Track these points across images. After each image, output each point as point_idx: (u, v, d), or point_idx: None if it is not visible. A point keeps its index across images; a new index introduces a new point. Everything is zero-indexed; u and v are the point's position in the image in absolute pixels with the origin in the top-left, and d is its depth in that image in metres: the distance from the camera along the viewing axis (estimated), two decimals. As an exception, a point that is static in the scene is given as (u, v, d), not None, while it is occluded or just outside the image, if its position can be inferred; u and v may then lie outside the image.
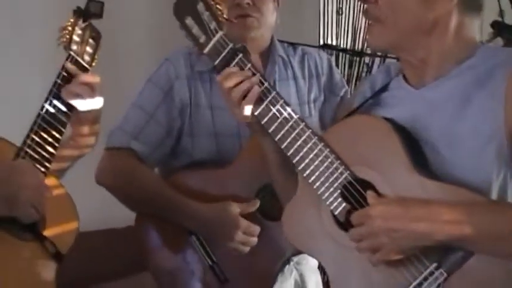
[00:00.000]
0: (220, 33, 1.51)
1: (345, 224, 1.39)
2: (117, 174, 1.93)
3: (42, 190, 1.39)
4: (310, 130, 1.44)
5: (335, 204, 1.41)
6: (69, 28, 1.50)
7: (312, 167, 1.43)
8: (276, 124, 1.47)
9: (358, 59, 3.37)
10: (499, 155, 1.31)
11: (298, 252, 2.00)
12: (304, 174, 1.44)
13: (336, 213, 1.41)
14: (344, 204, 1.40)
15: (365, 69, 3.42)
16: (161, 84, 1.98)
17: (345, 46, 3.39)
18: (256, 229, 1.90)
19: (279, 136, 1.47)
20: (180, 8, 1.52)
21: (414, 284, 1.31)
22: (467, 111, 1.34)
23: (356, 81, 3.38)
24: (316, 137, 1.43)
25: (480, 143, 1.31)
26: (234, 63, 1.49)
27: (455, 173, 1.32)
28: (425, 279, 1.30)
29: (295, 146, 1.45)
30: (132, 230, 2.00)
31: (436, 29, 1.38)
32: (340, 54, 3.35)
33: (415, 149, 1.36)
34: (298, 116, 1.46)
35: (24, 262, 1.42)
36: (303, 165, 1.44)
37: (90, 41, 1.53)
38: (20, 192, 1.34)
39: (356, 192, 1.39)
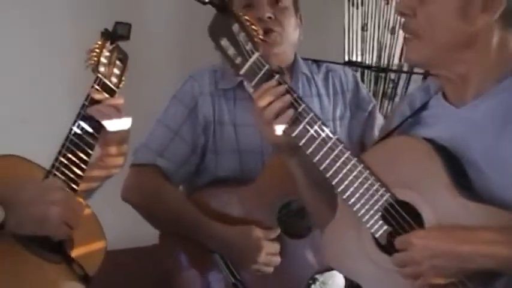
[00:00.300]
0: (256, 54, 1.50)
1: (386, 247, 1.37)
2: (142, 191, 1.94)
3: (73, 205, 1.38)
4: (349, 151, 1.42)
5: (376, 226, 1.38)
6: (97, 50, 1.50)
7: (351, 189, 1.40)
8: (314, 145, 1.44)
9: (383, 75, 3.34)
10: None
11: (323, 270, 2.00)
12: (344, 196, 1.41)
13: (377, 235, 1.39)
14: (385, 227, 1.37)
15: (391, 86, 3.40)
16: (186, 101, 1.99)
17: (370, 62, 3.37)
18: (278, 248, 1.89)
19: (317, 157, 1.44)
20: (215, 29, 1.53)
21: None
22: (510, 131, 1.32)
23: (382, 97, 3.35)
24: (355, 159, 1.41)
25: None
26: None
27: (500, 194, 1.28)
28: None
29: (335, 168, 1.42)
30: (157, 248, 2.01)
31: (476, 44, 1.35)
32: (366, 71, 3.33)
33: (458, 170, 1.33)
34: (336, 137, 1.44)
35: (52, 285, 1.42)
36: (342, 187, 1.41)
37: (117, 62, 1.54)
38: (50, 209, 1.32)
39: (397, 214, 1.36)
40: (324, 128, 1.44)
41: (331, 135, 1.43)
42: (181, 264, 1.98)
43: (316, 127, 1.44)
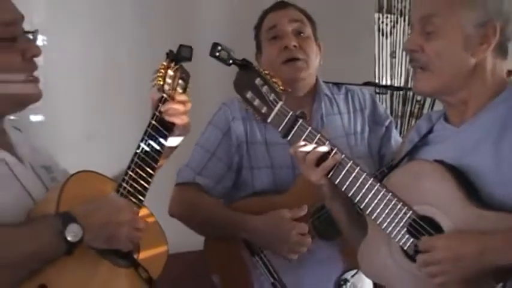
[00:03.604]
0: (280, 103, 1.54)
1: (414, 256, 1.40)
2: (184, 205, 1.99)
3: (138, 225, 1.41)
4: (372, 178, 1.46)
5: (403, 240, 1.42)
6: (162, 71, 1.48)
7: (378, 211, 1.44)
8: (355, 187, 1.47)
9: (411, 97, 3.35)
10: None
11: (351, 269, 1.98)
12: (372, 217, 1.46)
13: (405, 247, 1.42)
14: (412, 239, 1.41)
15: (417, 106, 3.40)
16: (220, 125, 2.02)
17: (399, 85, 3.38)
18: (306, 227, 1.88)
19: (352, 192, 1.48)
20: (239, 84, 1.56)
21: None
22: (506, 139, 1.36)
23: (409, 117, 3.37)
24: (378, 184, 1.45)
25: None
26: (295, 128, 1.52)
27: (503, 197, 1.32)
28: None
29: (361, 194, 1.46)
30: (200, 255, 2.03)
31: (476, 73, 1.42)
32: (395, 93, 3.33)
33: (467, 184, 1.37)
34: (366, 173, 1.47)
35: (122, 286, 1.43)
36: (370, 209, 1.45)
37: (180, 81, 1.52)
38: (119, 230, 1.36)
39: (421, 227, 1.40)
40: (356, 167, 1.48)
41: (361, 171, 1.47)
42: (224, 267, 1.99)
43: (355, 173, 1.47)
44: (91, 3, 2.46)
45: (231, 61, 1.57)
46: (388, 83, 3.39)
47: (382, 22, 3.48)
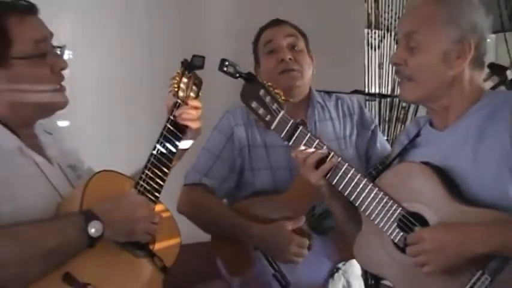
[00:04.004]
0: (282, 112, 1.55)
1: (404, 248, 1.42)
2: (192, 205, 1.97)
3: (154, 219, 1.41)
4: (366, 179, 1.47)
5: (394, 234, 1.44)
6: (177, 78, 1.48)
7: (371, 208, 1.46)
8: (350, 187, 1.49)
9: (397, 103, 3.36)
10: (511, 178, 1.33)
11: (344, 261, 2.01)
12: (366, 214, 1.47)
13: (396, 240, 1.44)
14: (402, 233, 1.42)
15: (402, 112, 3.41)
16: (224, 131, 2.01)
17: (386, 93, 3.39)
18: (306, 242, 1.87)
19: (347, 191, 1.49)
20: (245, 95, 1.57)
21: None
22: (483, 143, 1.38)
23: (396, 121, 3.38)
24: (371, 184, 1.46)
25: (495, 167, 1.35)
26: (296, 134, 1.53)
27: (481, 194, 1.35)
28: (475, 284, 1.32)
29: (356, 193, 1.47)
30: (209, 246, 2.02)
31: (454, 83, 1.44)
32: (383, 100, 3.34)
33: (450, 183, 1.39)
34: (360, 174, 1.49)
35: (139, 274, 1.43)
36: (364, 207, 1.47)
37: (194, 87, 1.52)
38: (137, 225, 1.37)
39: (409, 222, 1.42)
40: (351, 169, 1.48)
41: (356, 173, 1.48)
42: (229, 259, 1.98)
43: (350, 174, 1.48)
44: (111, 20, 2.46)
45: (237, 75, 1.57)
46: (377, 91, 3.40)
47: (371, 37, 3.50)
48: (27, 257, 1.21)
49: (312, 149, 1.50)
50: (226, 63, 1.56)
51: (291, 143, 1.53)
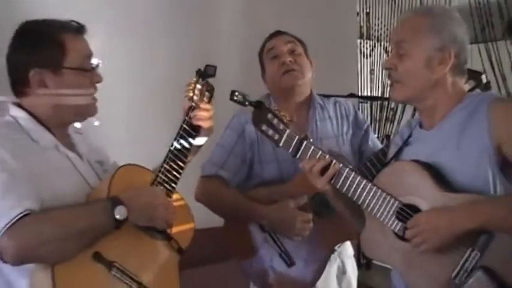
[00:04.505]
0: (287, 131, 1.55)
1: (403, 236, 1.43)
2: (209, 195, 1.96)
3: (171, 208, 1.43)
4: (366, 180, 1.48)
5: (394, 224, 1.45)
6: (192, 85, 1.49)
7: (372, 204, 1.47)
8: (347, 184, 1.50)
9: (387, 105, 3.35)
10: (490, 164, 1.36)
11: (341, 242, 2.01)
12: (368, 210, 1.48)
13: (396, 230, 1.45)
14: (400, 223, 1.43)
15: (391, 113, 3.40)
16: (236, 128, 2.00)
17: (377, 96, 3.38)
18: (310, 216, 1.87)
19: (350, 192, 1.50)
20: (256, 119, 1.58)
21: (460, 264, 1.34)
22: (465, 137, 1.40)
23: (385, 121, 3.37)
24: (370, 183, 1.48)
25: (476, 157, 1.36)
26: (302, 148, 1.54)
27: (464, 182, 1.37)
28: (466, 260, 1.33)
29: (358, 192, 1.48)
30: (222, 231, 2.02)
31: (438, 86, 1.45)
32: (374, 102, 3.33)
33: (438, 175, 1.41)
34: (355, 172, 1.50)
35: (158, 255, 1.44)
36: (365, 204, 1.48)
37: (207, 93, 1.52)
38: (157, 211, 1.38)
39: (406, 213, 1.43)
40: (352, 172, 1.49)
41: (357, 176, 1.49)
42: (241, 241, 1.98)
43: (351, 178, 1.49)
44: (134, 35, 2.47)
45: (246, 103, 1.59)
46: (369, 94, 3.39)
47: (363, 46, 3.50)
48: (64, 237, 1.23)
49: (316, 159, 1.51)
50: (236, 93, 1.59)
51: (297, 156, 1.54)
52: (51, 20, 1.39)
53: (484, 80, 1.75)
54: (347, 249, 2.09)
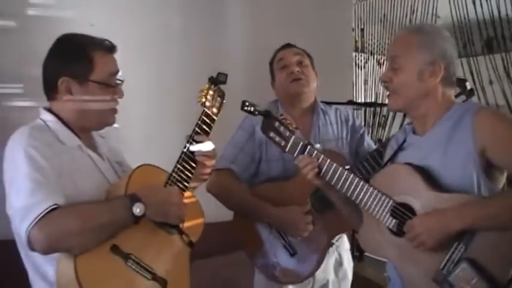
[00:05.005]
0: (293, 137, 1.54)
1: (398, 232, 1.43)
2: (221, 188, 1.91)
3: (184, 206, 1.41)
4: (363, 180, 1.47)
5: (388, 221, 1.43)
6: (205, 91, 1.46)
7: (368, 203, 1.46)
8: (346, 186, 1.49)
9: (379, 111, 3.31)
10: (474, 167, 1.35)
11: (338, 234, 1.99)
12: (365, 208, 1.47)
13: (391, 227, 1.44)
14: (394, 220, 1.42)
15: (383, 119, 3.36)
16: (247, 129, 1.98)
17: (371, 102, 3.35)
18: (311, 218, 1.86)
19: (343, 188, 1.49)
20: (264, 127, 1.57)
21: (447, 256, 1.34)
22: (452, 143, 1.38)
23: (378, 126, 3.33)
24: (367, 184, 1.47)
25: (462, 160, 1.36)
26: (306, 152, 1.53)
27: (452, 183, 1.37)
28: (453, 253, 1.33)
29: (355, 192, 1.48)
30: (231, 224, 1.99)
31: (429, 96, 1.43)
32: (367, 109, 3.29)
33: (428, 176, 1.40)
34: (349, 172, 1.48)
35: (171, 248, 1.42)
36: (363, 202, 1.47)
37: (218, 98, 1.48)
38: (171, 209, 1.36)
39: (399, 211, 1.42)
40: (349, 173, 1.48)
41: (352, 175, 1.48)
42: (249, 232, 1.94)
43: (339, 172, 1.48)
44: (151, 43, 2.45)
45: (256, 112, 1.57)
46: (363, 101, 3.36)
47: (358, 59, 3.46)
48: (87, 229, 1.21)
49: (319, 162, 1.50)
50: (247, 103, 1.58)
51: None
52: (86, 36, 1.39)
53: (468, 87, 1.74)
54: (344, 243, 2.07)
